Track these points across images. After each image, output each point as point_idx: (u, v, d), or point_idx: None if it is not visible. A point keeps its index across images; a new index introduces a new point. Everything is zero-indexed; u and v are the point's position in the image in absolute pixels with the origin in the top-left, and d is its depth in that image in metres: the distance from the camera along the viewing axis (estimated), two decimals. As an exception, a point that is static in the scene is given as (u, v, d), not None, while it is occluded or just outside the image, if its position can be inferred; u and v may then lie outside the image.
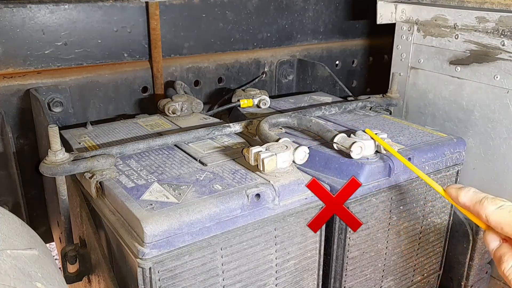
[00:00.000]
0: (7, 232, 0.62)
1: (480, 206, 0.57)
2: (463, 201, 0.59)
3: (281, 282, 0.82)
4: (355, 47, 1.69)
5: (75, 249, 0.85)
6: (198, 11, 1.33)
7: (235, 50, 1.44)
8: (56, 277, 0.63)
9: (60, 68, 1.18)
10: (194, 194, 0.73)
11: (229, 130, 0.99)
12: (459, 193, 0.60)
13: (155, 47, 1.27)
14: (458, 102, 1.19)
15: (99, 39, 1.21)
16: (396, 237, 0.95)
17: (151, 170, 0.82)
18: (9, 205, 1.15)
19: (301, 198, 0.79)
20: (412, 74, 1.32)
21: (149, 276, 0.66)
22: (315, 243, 0.85)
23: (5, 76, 1.12)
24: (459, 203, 0.60)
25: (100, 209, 0.79)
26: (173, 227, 0.66)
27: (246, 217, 0.73)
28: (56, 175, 0.78)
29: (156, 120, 1.12)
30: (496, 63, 1.09)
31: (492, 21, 1.09)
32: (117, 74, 1.26)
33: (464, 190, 0.60)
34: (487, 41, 1.10)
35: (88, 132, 1.03)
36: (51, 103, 1.14)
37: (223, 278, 0.74)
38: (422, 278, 1.06)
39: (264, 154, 0.77)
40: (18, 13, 1.10)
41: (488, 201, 0.56)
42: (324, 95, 1.37)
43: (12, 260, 0.56)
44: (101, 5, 1.19)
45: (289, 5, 1.49)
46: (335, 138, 0.87)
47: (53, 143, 0.77)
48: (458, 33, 1.17)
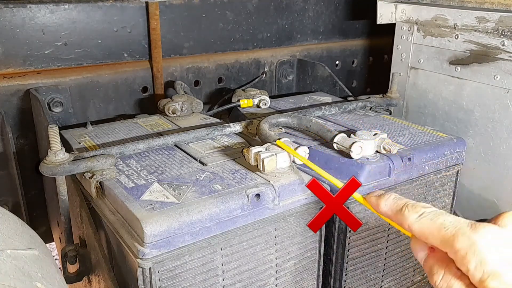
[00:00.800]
0: (7, 232, 0.62)
1: (402, 216, 0.52)
2: (384, 210, 0.55)
3: (281, 282, 0.82)
4: (355, 47, 1.69)
5: (75, 249, 0.85)
6: (198, 11, 1.33)
7: (235, 50, 1.44)
8: (56, 277, 0.63)
9: (60, 68, 1.18)
10: (194, 194, 0.73)
11: (229, 130, 0.99)
12: (379, 202, 0.55)
13: (155, 47, 1.27)
14: (458, 102, 1.19)
15: (99, 39, 1.21)
16: (396, 237, 0.95)
17: (151, 170, 0.82)
18: (9, 205, 1.15)
19: (301, 198, 0.79)
20: (412, 74, 1.32)
21: (149, 276, 0.66)
22: (315, 243, 0.85)
23: (5, 76, 1.12)
24: (381, 213, 0.55)
25: (100, 209, 0.79)
26: (173, 227, 0.66)
27: (246, 217, 0.73)
28: (56, 175, 0.78)
29: (156, 120, 1.12)
30: (496, 63, 1.09)
31: (492, 21, 1.09)
32: (117, 74, 1.26)
33: (383, 198, 0.55)
34: (487, 41, 1.10)
35: (88, 132, 1.03)
36: (51, 103, 1.14)
37: (223, 278, 0.74)
38: (422, 278, 1.06)
39: (264, 154, 0.77)
40: (18, 13, 1.10)
41: (409, 210, 0.52)
42: (324, 95, 1.37)
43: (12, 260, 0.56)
44: (101, 5, 1.19)
45: (289, 5, 1.49)
46: (335, 138, 0.87)
47: (53, 143, 0.77)
48: (458, 33, 1.17)
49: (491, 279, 0.43)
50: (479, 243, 0.44)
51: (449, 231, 0.47)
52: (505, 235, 0.46)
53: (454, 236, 0.46)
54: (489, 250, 0.44)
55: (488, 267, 0.43)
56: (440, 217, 0.49)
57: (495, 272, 0.43)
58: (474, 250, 0.44)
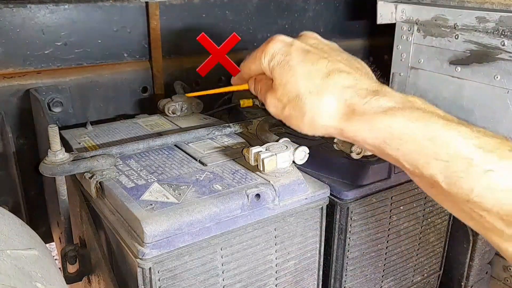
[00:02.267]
0: (7, 232, 0.62)
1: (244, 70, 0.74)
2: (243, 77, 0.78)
3: (281, 282, 0.82)
4: (355, 47, 1.68)
5: (75, 249, 0.85)
6: (198, 11, 1.33)
7: (235, 50, 1.43)
8: (56, 277, 0.63)
9: (60, 68, 1.18)
10: (194, 194, 0.73)
11: (229, 130, 0.99)
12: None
13: (155, 47, 1.27)
14: (458, 102, 1.19)
15: (99, 39, 1.21)
16: (396, 237, 0.95)
17: (151, 170, 0.82)
18: (9, 205, 1.15)
19: (301, 198, 0.79)
20: (412, 74, 1.32)
21: (149, 276, 0.66)
22: (315, 243, 0.85)
23: (5, 76, 1.12)
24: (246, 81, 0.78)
25: (100, 209, 0.79)
26: (173, 227, 0.66)
27: (246, 217, 0.73)
28: (56, 175, 0.78)
29: (156, 120, 1.12)
30: (496, 63, 1.09)
31: (492, 21, 1.09)
32: (117, 74, 1.26)
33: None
34: (487, 41, 1.10)
35: (88, 132, 1.03)
36: (51, 103, 1.14)
37: (223, 278, 0.74)
38: (422, 278, 1.06)
39: (264, 154, 0.77)
40: (18, 13, 1.10)
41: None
42: (324, 95, 1.37)
43: (12, 260, 0.56)
44: (101, 5, 1.19)
45: (289, 5, 1.49)
46: (335, 138, 0.87)
47: (53, 143, 0.77)
48: (458, 33, 1.17)
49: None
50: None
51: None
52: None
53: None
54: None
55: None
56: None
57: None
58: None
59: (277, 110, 0.66)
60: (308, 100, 0.61)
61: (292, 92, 0.62)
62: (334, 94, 0.60)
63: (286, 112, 0.64)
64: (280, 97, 0.64)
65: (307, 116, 0.62)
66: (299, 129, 0.65)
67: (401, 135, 0.55)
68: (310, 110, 0.62)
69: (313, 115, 0.62)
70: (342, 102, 0.60)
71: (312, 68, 0.62)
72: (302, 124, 0.64)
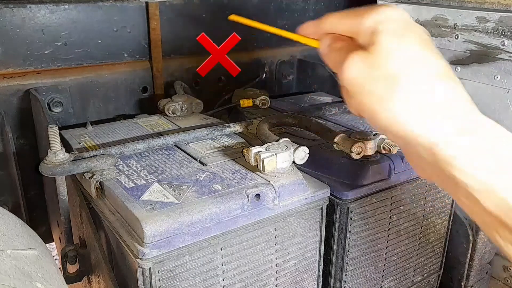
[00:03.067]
0: (7, 232, 0.62)
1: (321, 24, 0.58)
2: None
3: (281, 282, 0.82)
4: (355, 47, 1.68)
5: (75, 249, 0.85)
6: (198, 11, 1.33)
7: (235, 50, 1.44)
8: (56, 277, 0.63)
9: (60, 68, 1.18)
10: (194, 194, 0.73)
11: (229, 130, 0.99)
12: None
13: (155, 47, 1.27)
14: (458, 102, 1.19)
15: (99, 39, 1.21)
16: (396, 237, 0.95)
17: (151, 170, 0.82)
18: (9, 205, 1.15)
19: (301, 198, 0.79)
20: (412, 74, 1.32)
21: (149, 276, 0.66)
22: (315, 243, 0.85)
23: (5, 76, 1.12)
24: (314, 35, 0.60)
25: (100, 209, 0.79)
26: (173, 227, 0.66)
27: (246, 217, 0.73)
28: (56, 175, 0.78)
29: (156, 120, 1.12)
30: (496, 63, 1.09)
31: (492, 21, 1.09)
32: (117, 74, 1.26)
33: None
34: (487, 41, 1.10)
35: (88, 132, 1.03)
36: (51, 103, 1.14)
37: (223, 278, 0.74)
38: (422, 278, 1.06)
39: (264, 154, 0.77)
40: (18, 13, 1.10)
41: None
42: (324, 95, 1.37)
43: (12, 260, 0.56)
44: (101, 5, 1.19)
45: (289, 5, 1.49)
46: (335, 138, 0.87)
47: (53, 143, 0.77)
48: (458, 33, 1.17)
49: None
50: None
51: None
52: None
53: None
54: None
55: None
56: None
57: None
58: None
59: (360, 76, 0.48)
60: (416, 89, 0.46)
61: (399, 68, 0.46)
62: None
63: (372, 86, 0.47)
64: (376, 64, 0.47)
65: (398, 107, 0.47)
66: (374, 113, 0.48)
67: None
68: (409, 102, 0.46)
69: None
70: None
71: (432, 59, 0.47)
72: (383, 110, 0.47)
